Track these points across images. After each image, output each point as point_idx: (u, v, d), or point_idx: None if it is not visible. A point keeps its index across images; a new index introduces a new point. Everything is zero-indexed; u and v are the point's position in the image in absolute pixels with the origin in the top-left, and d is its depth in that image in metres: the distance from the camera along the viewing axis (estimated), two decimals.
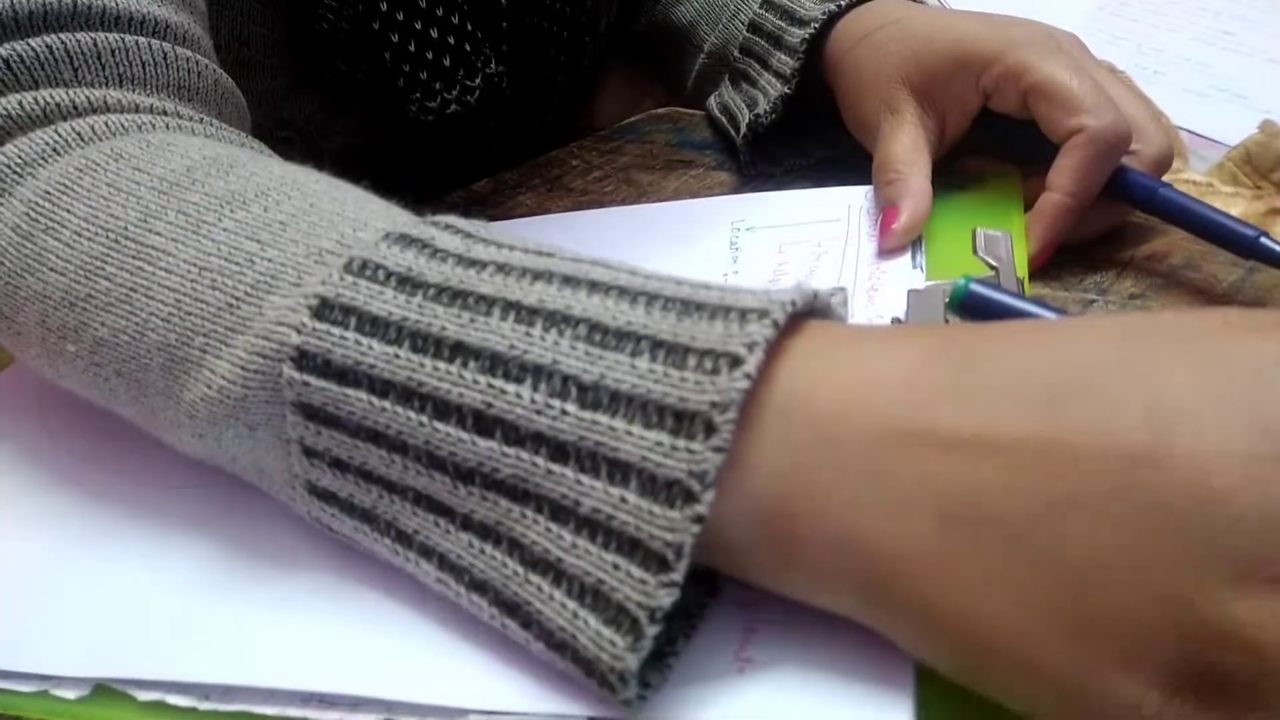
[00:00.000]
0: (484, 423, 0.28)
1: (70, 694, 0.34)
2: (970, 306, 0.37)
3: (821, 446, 0.26)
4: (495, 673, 0.31)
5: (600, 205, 0.62)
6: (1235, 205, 0.56)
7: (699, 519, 0.25)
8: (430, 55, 0.61)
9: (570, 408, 0.27)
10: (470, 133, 0.66)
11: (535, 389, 0.27)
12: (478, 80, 0.63)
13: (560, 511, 0.27)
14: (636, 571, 0.26)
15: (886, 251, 0.49)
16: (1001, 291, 0.37)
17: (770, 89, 0.60)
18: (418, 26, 0.60)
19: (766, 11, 0.63)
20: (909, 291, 0.46)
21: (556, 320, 0.27)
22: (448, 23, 0.61)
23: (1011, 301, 0.37)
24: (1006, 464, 0.23)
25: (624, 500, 0.26)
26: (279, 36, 0.59)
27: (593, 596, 0.27)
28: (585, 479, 0.26)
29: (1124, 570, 0.22)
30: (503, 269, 0.29)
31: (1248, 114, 0.63)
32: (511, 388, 0.27)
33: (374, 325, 0.29)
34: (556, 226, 0.59)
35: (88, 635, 0.35)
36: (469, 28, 0.62)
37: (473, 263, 0.30)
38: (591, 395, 0.26)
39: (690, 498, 0.25)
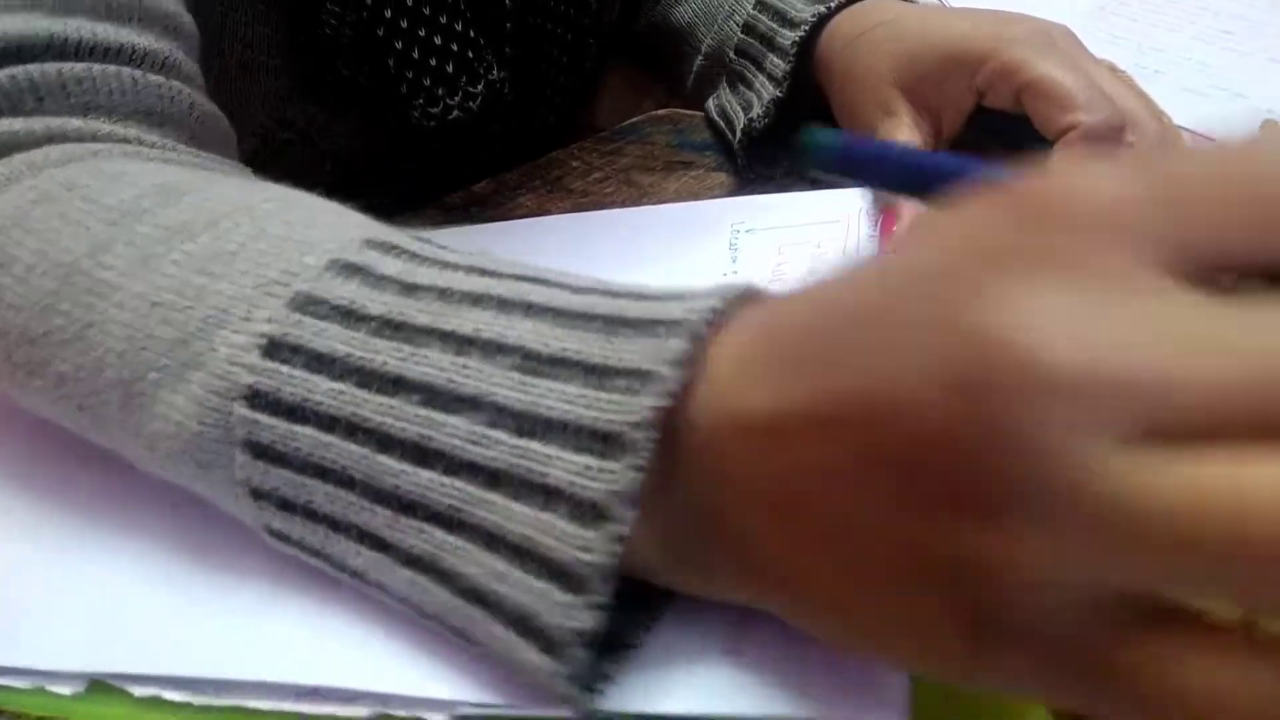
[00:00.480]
0: (423, 454, 0.28)
1: (66, 689, 0.34)
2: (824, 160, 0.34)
3: (710, 453, 0.26)
4: (485, 668, 0.31)
5: (601, 206, 0.62)
6: None
7: (619, 539, 0.25)
8: (434, 62, 0.61)
9: (503, 436, 0.27)
10: (472, 137, 0.66)
11: (471, 420, 0.27)
12: (480, 86, 0.63)
13: (492, 540, 0.27)
14: (561, 596, 0.26)
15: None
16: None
17: (764, 92, 0.60)
18: (421, 33, 0.60)
19: (760, 13, 0.63)
20: None
21: (491, 350, 0.28)
22: (451, 29, 0.61)
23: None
24: (785, 440, 0.24)
25: (553, 525, 0.26)
26: (282, 37, 0.59)
27: (523, 624, 0.27)
28: (516, 506, 0.27)
29: (889, 525, 0.22)
30: (443, 294, 0.30)
31: (1249, 113, 0.62)
32: (449, 419, 0.27)
33: (319, 362, 0.30)
34: (557, 229, 0.59)
35: (84, 631, 0.36)
36: (472, 34, 0.62)
37: (413, 289, 0.30)
38: (524, 423, 0.27)
39: (609, 518, 0.25)
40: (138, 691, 0.34)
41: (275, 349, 0.30)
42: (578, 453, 0.26)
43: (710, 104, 0.68)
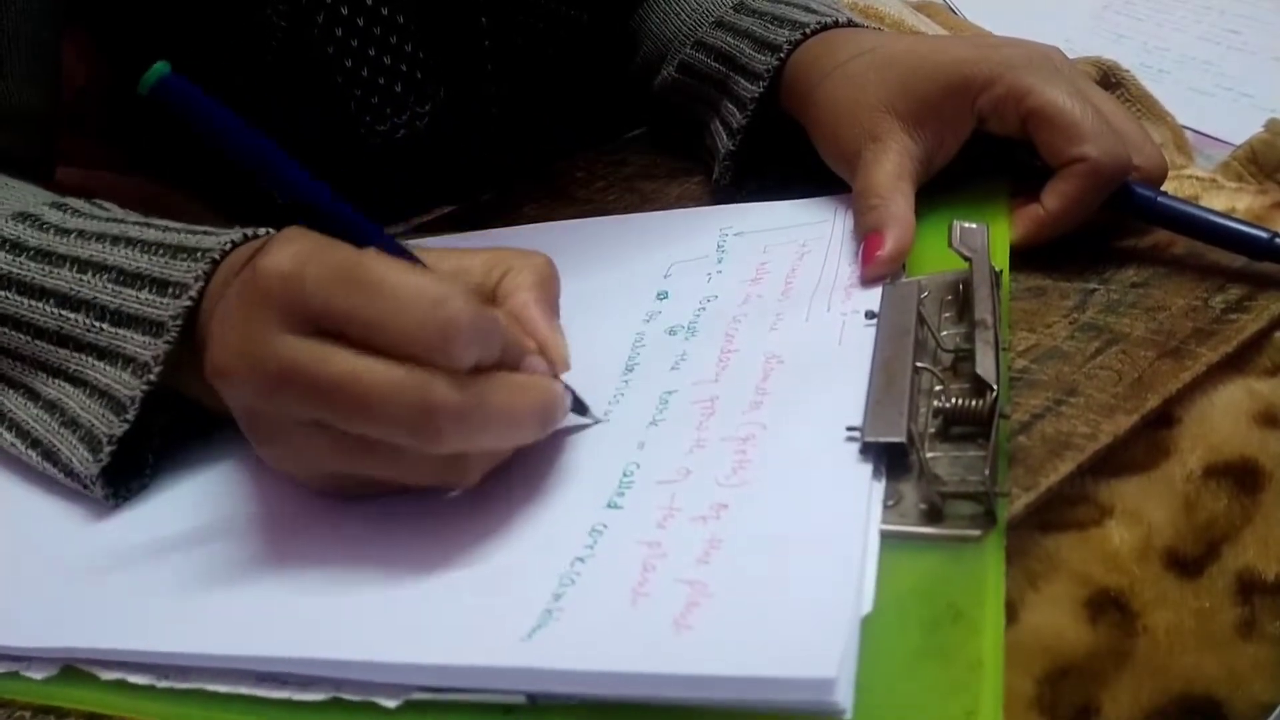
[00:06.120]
0: (50, 335, 0.44)
1: (38, 675, 0.36)
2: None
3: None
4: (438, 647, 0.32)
5: (603, 213, 0.62)
6: (1240, 199, 0.55)
7: (150, 383, 0.41)
8: (382, 81, 0.62)
9: (105, 326, 0.42)
10: (419, 157, 0.67)
11: (85, 314, 0.43)
12: (428, 107, 0.64)
13: (67, 376, 0.43)
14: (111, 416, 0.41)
15: (870, 281, 0.47)
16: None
17: (720, 144, 0.60)
18: (371, 53, 0.61)
19: (715, 61, 0.62)
20: (884, 286, 0.46)
21: (99, 268, 0.43)
22: (400, 50, 0.62)
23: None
24: None
25: (119, 375, 0.42)
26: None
27: (72, 425, 0.43)
28: (85, 357, 0.43)
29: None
30: (81, 234, 0.44)
31: (1253, 112, 0.62)
32: (70, 314, 0.43)
33: None
34: (553, 234, 0.60)
35: (54, 615, 0.37)
36: (421, 55, 0.63)
37: (62, 231, 0.45)
38: (114, 316, 0.42)
39: (151, 372, 0.41)
40: (105, 676, 0.35)
41: None
42: (144, 335, 0.41)
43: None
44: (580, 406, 0.41)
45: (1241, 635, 0.37)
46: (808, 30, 0.58)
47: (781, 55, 0.57)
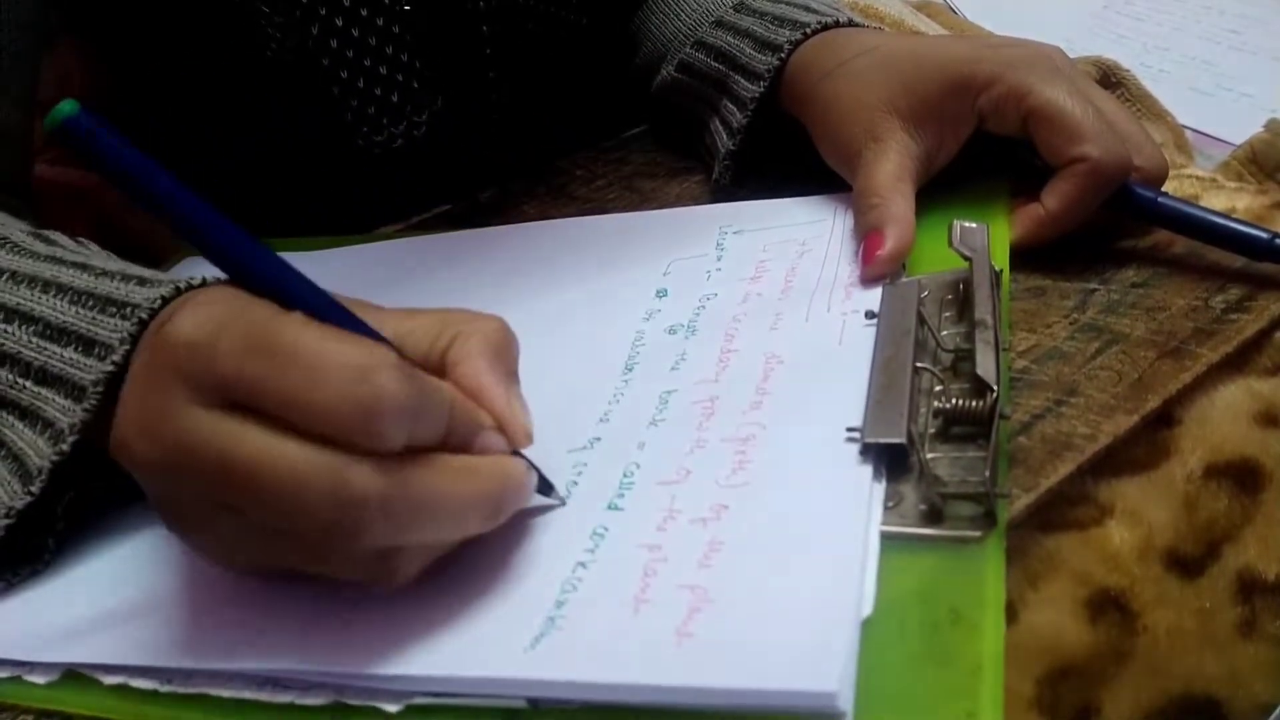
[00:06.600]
0: None
1: (41, 679, 0.36)
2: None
3: None
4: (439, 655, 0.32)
5: (603, 212, 0.62)
6: (1240, 199, 0.55)
7: (62, 454, 0.38)
8: (379, 91, 0.62)
9: (28, 384, 0.39)
10: (416, 164, 0.67)
11: (8, 369, 0.40)
12: (425, 116, 0.64)
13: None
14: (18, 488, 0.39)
15: (870, 280, 0.47)
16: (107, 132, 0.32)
17: (720, 143, 0.60)
18: (367, 63, 0.61)
19: (715, 61, 0.62)
20: (884, 286, 0.46)
21: (25, 319, 0.40)
22: (397, 60, 0.62)
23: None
24: None
25: (35, 441, 0.39)
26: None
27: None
28: (21, 425, 0.39)
29: None
30: (13, 277, 0.41)
31: (1253, 112, 0.62)
32: None
33: None
34: (551, 233, 0.59)
35: (59, 625, 0.37)
36: (417, 65, 0.63)
37: None
38: (38, 374, 0.39)
39: (64, 440, 0.38)
40: (108, 680, 0.35)
41: None
42: (65, 399, 0.38)
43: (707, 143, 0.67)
44: (545, 486, 0.37)
45: (1242, 635, 0.38)
46: (808, 30, 0.58)
47: (782, 55, 0.58)
